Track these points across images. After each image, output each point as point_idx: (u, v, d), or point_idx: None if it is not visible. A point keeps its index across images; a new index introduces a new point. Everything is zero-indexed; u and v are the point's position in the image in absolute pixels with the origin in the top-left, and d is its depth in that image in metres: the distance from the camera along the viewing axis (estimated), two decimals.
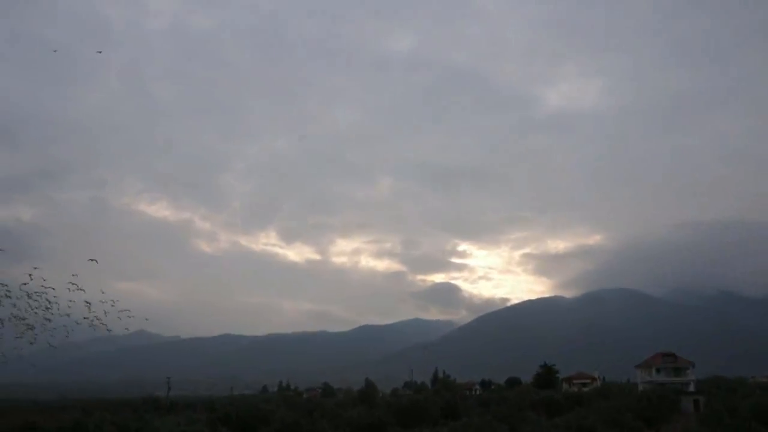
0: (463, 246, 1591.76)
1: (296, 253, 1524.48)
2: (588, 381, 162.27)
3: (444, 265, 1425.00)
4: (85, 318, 40.54)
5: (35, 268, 37.30)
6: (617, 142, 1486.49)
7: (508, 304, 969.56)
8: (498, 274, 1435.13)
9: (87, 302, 39.46)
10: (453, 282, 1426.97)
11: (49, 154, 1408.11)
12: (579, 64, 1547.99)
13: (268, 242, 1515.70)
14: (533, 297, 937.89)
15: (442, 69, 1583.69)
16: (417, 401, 59.68)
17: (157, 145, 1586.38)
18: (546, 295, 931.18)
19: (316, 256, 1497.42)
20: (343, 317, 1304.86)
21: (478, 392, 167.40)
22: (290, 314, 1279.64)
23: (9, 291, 38.17)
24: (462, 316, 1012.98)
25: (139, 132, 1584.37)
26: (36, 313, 38.88)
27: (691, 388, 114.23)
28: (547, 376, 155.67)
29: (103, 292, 40.79)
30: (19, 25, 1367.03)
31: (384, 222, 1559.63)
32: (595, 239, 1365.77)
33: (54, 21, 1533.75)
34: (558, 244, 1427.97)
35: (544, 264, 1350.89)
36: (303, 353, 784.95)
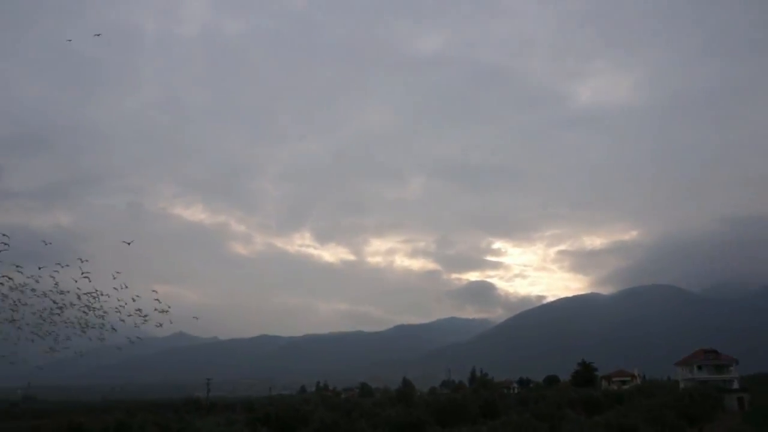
0: (497, 244, 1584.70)
1: (331, 254, 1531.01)
2: (627, 379, 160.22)
3: (479, 264, 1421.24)
4: (130, 315, 41.54)
5: (84, 274, 38.27)
6: (653, 137, 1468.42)
7: (545, 301, 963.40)
8: (533, 271, 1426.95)
9: (135, 297, 40.43)
10: (488, 280, 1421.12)
11: (86, 161, 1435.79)
12: (610, 58, 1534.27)
13: (303, 243, 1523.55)
14: (569, 294, 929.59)
15: (472, 67, 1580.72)
16: (455, 400, 59.54)
17: (190, 150, 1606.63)
18: (582, 293, 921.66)
19: (351, 257, 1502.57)
20: (378, 317, 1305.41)
21: (516, 391, 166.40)
22: (326, 315, 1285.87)
23: (63, 293, 39.24)
24: (498, 315, 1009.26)
25: (173, 138, 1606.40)
26: (85, 315, 39.92)
27: (735, 385, 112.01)
28: (585, 374, 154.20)
29: (154, 291, 41.73)
30: (55, 37, 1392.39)
31: (417, 221, 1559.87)
32: (631, 235, 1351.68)
33: (88, 32, 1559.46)
34: (594, 241, 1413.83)
35: (580, 261, 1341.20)
36: (339, 353, 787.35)
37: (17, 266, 39.49)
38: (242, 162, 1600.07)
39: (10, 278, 38.54)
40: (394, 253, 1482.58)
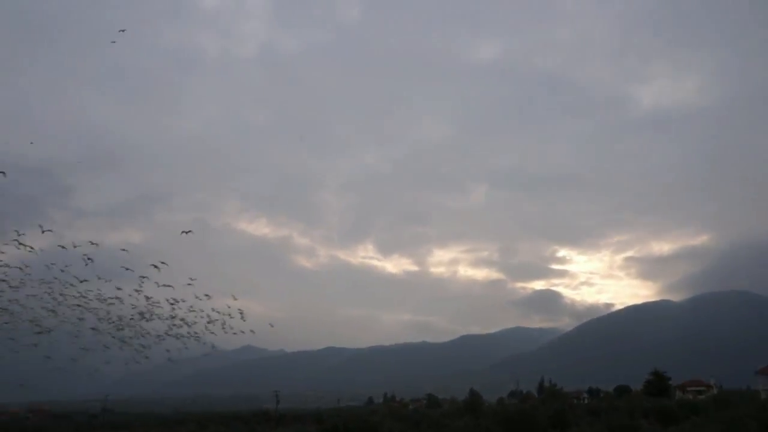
0: (562, 252, 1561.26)
1: (394, 265, 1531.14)
2: (703, 388, 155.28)
3: (544, 272, 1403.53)
4: (210, 322, 42.82)
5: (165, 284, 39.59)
6: (719, 138, 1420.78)
7: (613, 309, 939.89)
8: (600, 279, 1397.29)
9: (214, 310, 41.62)
10: (554, 289, 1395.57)
11: (153, 179, 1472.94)
12: (673, 59, 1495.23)
13: (366, 255, 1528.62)
14: (638, 302, 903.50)
15: (531, 74, 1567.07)
16: (524, 410, 58.79)
17: (253, 166, 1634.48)
18: (652, 300, 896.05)
19: (414, 267, 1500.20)
20: (443, 327, 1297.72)
21: (586, 401, 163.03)
22: (391, 326, 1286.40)
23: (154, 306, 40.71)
24: (565, 323, 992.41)
25: (235, 155, 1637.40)
26: (174, 326, 41.31)
27: None
28: (658, 384, 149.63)
29: (236, 301, 42.84)
30: (120, 60, 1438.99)
31: (480, 231, 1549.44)
32: (701, 240, 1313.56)
33: (153, 53, 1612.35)
34: (662, 247, 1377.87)
35: (648, 267, 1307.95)
36: (405, 364, 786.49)
37: (106, 279, 41.10)
38: (303, 176, 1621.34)
39: (98, 290, 40.20)
40: (457, 263, 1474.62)
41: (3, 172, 30.78)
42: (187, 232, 42.17)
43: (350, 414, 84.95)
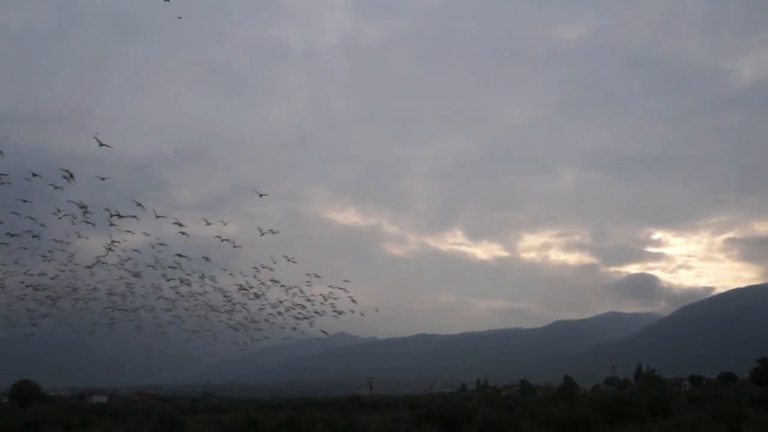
0: (657, 234, 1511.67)
1: (484, 251, 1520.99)
2: None
3: (638, 255, 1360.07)
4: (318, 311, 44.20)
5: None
6: None
7: (713, 293, 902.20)
8: (699, 261, 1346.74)
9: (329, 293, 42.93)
10: (649, 272, 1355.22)
11: (243, 171, 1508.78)
12: None
13: (456, 242, 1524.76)
14: (741, 285, 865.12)
15: (619, 52, 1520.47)
16: (622, 397, 57.33)
17: (340, 155, 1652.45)
18: (756, 283, 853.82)
19: (504, 253, 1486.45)
20: (536, 313, 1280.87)
21: (687, 388, 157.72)
22: (483, 312, 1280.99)
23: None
24: (662, 308, 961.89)
25: (323, 144, 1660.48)
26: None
27: None
28: (766, 372, 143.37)
29: (346, 281, 44.01)
30: (210, 54, 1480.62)
31: (571, 214, 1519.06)
32: None
33: (240, 48, 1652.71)
34: (767, 227, 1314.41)
35: (751, 249, 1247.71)
36: (498, 350, 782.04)
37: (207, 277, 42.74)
38: (391, 163, 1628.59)
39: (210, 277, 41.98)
40: (548, 248, 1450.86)
41: (71, 175, 31.56)
42: (274, 232, 42.88)
43: (444, 400, 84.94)
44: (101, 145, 28.57)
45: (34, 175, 33.56)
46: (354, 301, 45.11)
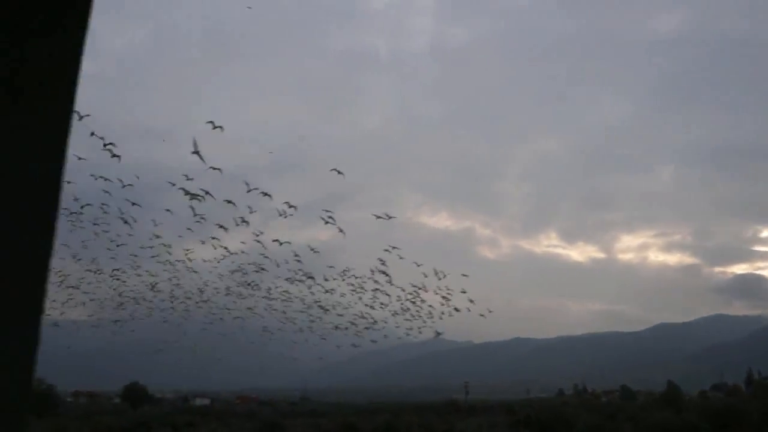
0: (766, 232, 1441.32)
1: (579, 253, 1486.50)
2: None
3: (745, 255, 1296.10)
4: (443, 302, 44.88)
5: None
6: None
7: None
8: None
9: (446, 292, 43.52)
10: (759, 272, 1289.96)
11: (336, 178, 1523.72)
12: None
13: (550, 244, 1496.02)
14: None
15: (717, 41, 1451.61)
16: (733, 405, 55.14)
17: (430, 159, 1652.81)
18: None
19: (600, 255, 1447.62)
20: (635, 316, 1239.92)
21: None
22: (579, 315, 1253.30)
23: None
24: None
25: (413, 149, 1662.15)
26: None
27: None
28: None
29: (463, 292, 44.55)
30: (301, 63, 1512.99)
31: (670, 213, 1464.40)
32: None
33: (328, 56, 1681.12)
34: None
35: None
36: (595, 355, 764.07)
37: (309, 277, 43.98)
38: (482, 166, 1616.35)
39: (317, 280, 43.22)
40: (646, 249, 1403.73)
41: (203, 196, 32.53)
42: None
43: (542, 405, 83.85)
44: (215, 127, 29.50)
45: (172, 184, 34.42)
46: (471, 301, 44.84)
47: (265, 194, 34.87)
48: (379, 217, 42.25)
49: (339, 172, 35.18)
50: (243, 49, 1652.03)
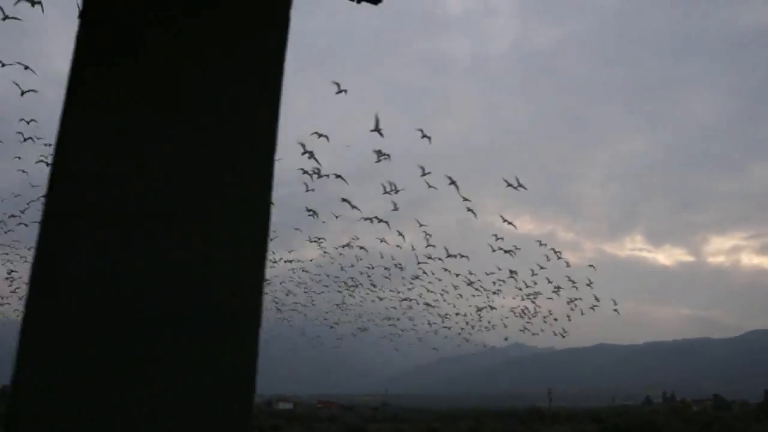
0: None
1: (666, 256, 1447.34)
2: None
3: None
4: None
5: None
6: None
7: None
8: None
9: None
10: None
11: (416, 184, 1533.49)
12: None
13: (635, 247, 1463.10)
14: None
15: None
16: None
17: (512, 162, 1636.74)
18: None
19: (689, 258, 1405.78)
20: (727, 322, 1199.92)
21: None
22: (667, 320, 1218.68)
23: None
24: None
25: (495, 153, 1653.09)
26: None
27: None
28: None
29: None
30: (383, 71, 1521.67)
31: (765, 213, 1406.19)
32: None
33: (410, 63, 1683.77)
34: None
35: None
36: (685, 362, 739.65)
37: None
38: (564, 169, 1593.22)
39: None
40: (739, 251, 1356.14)
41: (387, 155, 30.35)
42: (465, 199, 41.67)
43: (630, 413, 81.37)
44: (320, 136, 26.54)
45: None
46: (597, 299, 43.54)
47: (353, 206, 33.47)
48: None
49: (424, 172, 33.92)
50: (329, 60, 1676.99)
